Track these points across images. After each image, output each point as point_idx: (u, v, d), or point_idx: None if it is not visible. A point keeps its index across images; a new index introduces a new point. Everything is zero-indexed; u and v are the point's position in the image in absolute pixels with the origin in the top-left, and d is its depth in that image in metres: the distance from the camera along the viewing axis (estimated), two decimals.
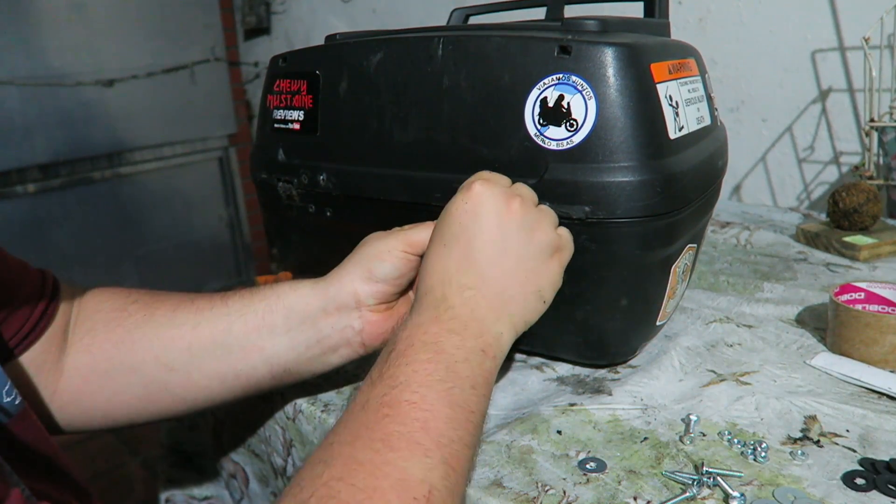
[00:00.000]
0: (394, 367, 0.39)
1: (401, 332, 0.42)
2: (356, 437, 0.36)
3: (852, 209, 0.86)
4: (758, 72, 1.30)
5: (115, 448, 1.87)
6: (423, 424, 0.36)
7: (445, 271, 0.44)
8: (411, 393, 0.37)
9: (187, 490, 0.77)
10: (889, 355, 0.55)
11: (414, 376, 0.38)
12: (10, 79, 2.18)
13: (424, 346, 0.40)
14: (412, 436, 0.35)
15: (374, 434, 0.35)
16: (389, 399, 0.37)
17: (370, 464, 0.34)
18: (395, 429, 0.35)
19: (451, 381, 0.38)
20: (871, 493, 0.41)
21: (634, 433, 0.49)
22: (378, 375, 0.39)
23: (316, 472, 0.34)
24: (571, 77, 0.50)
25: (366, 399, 0.38)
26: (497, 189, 0.46)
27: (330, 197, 0.65)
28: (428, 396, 0.37)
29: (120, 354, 0.51)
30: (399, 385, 0.37)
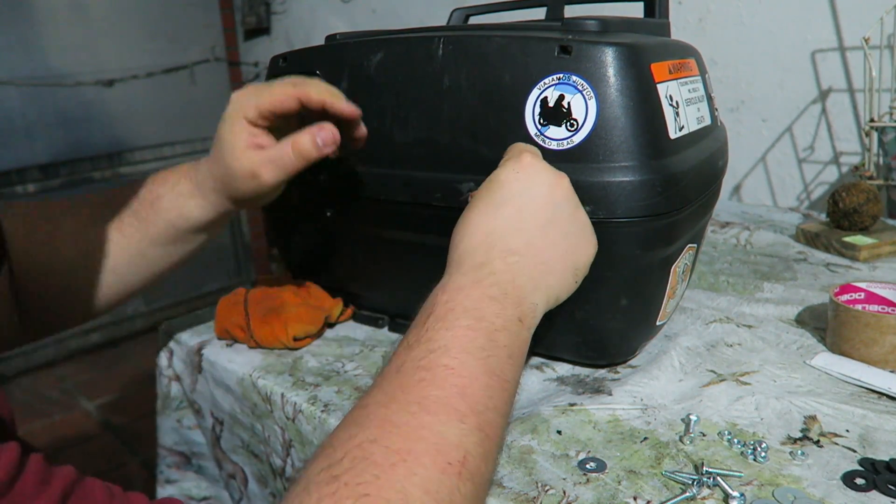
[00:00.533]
0: (432, 330, 0.38)
1: (440, 293, 0.41)
2: (391, 399, 0.35)
3: (852, 209, 0.86)
4: (758, 72, 1.30)
5: (115, 448, 1.87)
6: (461, 390, 0.35)
7: (491, 234, 0.43)
8: (450, 358, 0.36)
9: (186, 490, 0.78)
10: (889, 355, 0.55)
11: (453, 342, 0.37)
12: (10, 79, 2.18)
13: (465, 312, 0.39)
14: (449, 400, 0.35)
15: (409, 396, 0.35)
16: (427, 363, 0.36)
17: (406, 426, 0.33)
18: (432, 392, 0.35)
19: (490, 349, 0.38)
20: (871, 494, 0.41)
21: (634, 433, 0.49)
22: (416, 339, 0.38)
23: (350, 433, 0.34)
24: (572, 77, 0.50)
25: (402, 362, 0.37)
26: (545, 163, 0.47)
27: (330, 197, 0.65)
28: (467, 363, 0.36)
29: None
30: (438, 350, 0.37)
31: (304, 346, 0.67)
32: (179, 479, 0.78)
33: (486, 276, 0.41)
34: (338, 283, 0.72)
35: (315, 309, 0.68)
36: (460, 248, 0.44)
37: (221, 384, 0.67)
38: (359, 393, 0.58)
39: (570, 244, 0.46)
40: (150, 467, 0.77)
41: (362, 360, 0.64)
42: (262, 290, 0.71)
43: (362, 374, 0.61)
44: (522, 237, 0.44)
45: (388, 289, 0.69)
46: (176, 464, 0.78)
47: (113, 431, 1.97)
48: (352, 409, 0.37)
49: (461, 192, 0.55)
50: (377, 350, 0.66)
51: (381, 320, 0.70)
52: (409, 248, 0.62)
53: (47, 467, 0.32)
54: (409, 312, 0.67)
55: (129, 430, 1.96)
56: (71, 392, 2.21)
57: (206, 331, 0.73)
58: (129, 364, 2.40)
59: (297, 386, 0.60)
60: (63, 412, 2.05)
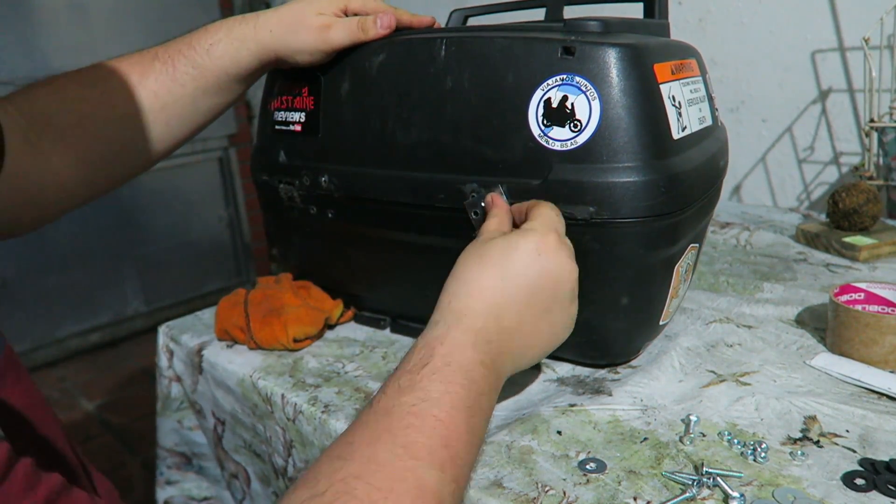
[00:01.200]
0: (427, 380, 0.40)
1: (438, 345, 0.42)
2: (377, 440, 0.36)
3: (852, 209, 0.86)
4: (758, 72, 1.30)
5: (115, 448, 1.87)
6: (446, 442, 0.37)
7: (496, 305, 0.44)
8: (440, 411, 0.38)
9: (186, 491, 0.78)
10: (889, 356, 0.55)
11: (445, 396, 0.39)
12: (10, 79, 2.18)
13: (460, 371, 0.41)
14: (434, 449, 0.36)
15: (396, 439, 0.36)
16: (418, 410, 0.38)
17: (390, 466, 0.35)
18: (419, 439, 0.36)
19: (475, 409, 0.40)
20: (871, 494, 0.41)
21: (634, 434, 0.49)
22: (408, 384, 0.40)
23: (334, 466, 0.35)
24: (575, 78, 0.50)
25: (391, 405, 0.39)
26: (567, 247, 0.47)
27: (331, 198, 0.65)
28: (455, 418, 0.38)
29: None
30: (430, 401, 0.38)
31: (304, 347, 0.67)
32: (180, 480, 0.78)
33: (482, 343, 0.43)
34: (339, 285, 0.72)
35: (315, 310, 0.68)
36: (463, 303, 0.45)
37: (222, 385, 0.67)
38: (359, 394, 0.58)
39: (554, 333, 0.48)
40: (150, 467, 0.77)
41: (362, 360, 0.64)
42: (263, 291, 0.71)
43: (362, 374, 0.61)
44: (521, 317, 0.45)
45: (390, 290, 0.69)
46: (176, 465, 0.78)
47: (113, 431, 1.97)
48: (335, 442, 0.38)
49: (464, 193, 0.55)
50: (377, 351, 0.66)
51: (382, 321, 0.70)
52: (412, 250, 0.62)
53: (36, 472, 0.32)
54: (412, 313, 0.68)
55: (129, 430, 1.96)
56: (71, 392, 2.21)
57: (206, 332, 0.73)
58: (129, 364, 2.40)
59: (298, 387, 0.60)
60: (63, 412, 2.05)
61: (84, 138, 0.58)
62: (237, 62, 0.60)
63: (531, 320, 0.46)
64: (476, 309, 0.44)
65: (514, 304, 0.45)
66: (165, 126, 0.61)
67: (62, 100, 0.58)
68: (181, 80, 0.60)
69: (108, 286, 2.51)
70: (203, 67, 0.60)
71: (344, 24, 0.59)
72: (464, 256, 0.47)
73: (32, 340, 2.33)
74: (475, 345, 0.42)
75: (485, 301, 0.44)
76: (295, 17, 0.59)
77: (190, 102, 0.61)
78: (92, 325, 2.50)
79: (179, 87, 0.60)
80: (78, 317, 2.46)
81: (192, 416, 0.75)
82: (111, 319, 2.55)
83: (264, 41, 0.60)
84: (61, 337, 2.43)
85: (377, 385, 0.59)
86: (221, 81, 0.61)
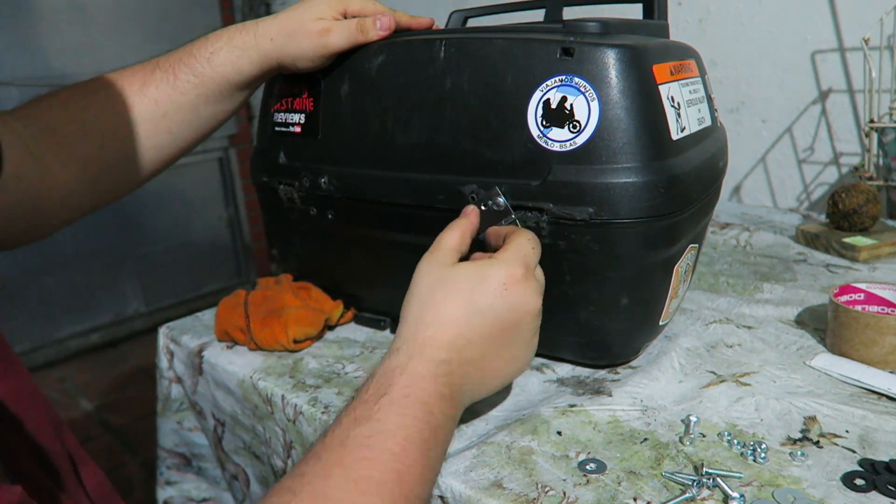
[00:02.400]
0: (383, 412, 0.39)
1: (397, 375, 0.42)
2: (329, 474, 0.36)
3: (852, 210, 0.86)
4: (757, 73, 1.30)
5: (115, 448, 1.88)
6: (399, 476, 0.36)
7: (460, 336, 0.44)
8: (395, 444, 0.38)
9: (186, 492, 0.78)
10: (889, 356, 0.55)
11: (402, 430, 0.38)
12: (10, 79, 2.18)
13: (418, 403, 0.40)
14: (386, 485, 0.36)
15: (349, 473, 0.36)
16: (372, 442, 0.37)
17: (339, 502, 0.34)
18: (371, 473, 0.36)
19: (431, 442, 0.39)
20: (871, 494, 0.41)
21: (634, 434, 0.49)
22: (364, 415, 0.39)
23: (283, 500, 0.35)
24: (574, 79, 0.50)
25: (346, 436, 0.38)
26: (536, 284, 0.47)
27: (331, 199, 0.65)
28: (410, 452, 0.38)
29: None
30: (385, 433, 0.38)
31: (304, 348, 0.67)
32: (179, 481, 0.78)
33: (443, 374, 0.42)
34: (339, 285, 0.72)
35: (315, 311, 0.68)
36: (428, 333, 0.44)
37: (222, 386, 0.67)
38: None
39: (513, 367, 0.48)
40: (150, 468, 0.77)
41: (363, 361, 0.64)
42: (263, 292, 0.71)
43: (363, 375, 0.61)
44: (483, 350, 0.45)
45: (390, 290, 0.69)
46: (176, 465, 0.78)
47: (113, 432, 1.97)
48: (288, 474, 0.37)
49: (463, 194, 0.55)
50: (377, 352, 0.66)
51: (383, 322, 0.70)
52: (412, 250, 0.62)
53: None
54: None
55: (129, 430, 1.96)
56: (71, 392, 2.21)
57: (206, 333, 0.73)
58: (129, 364, 2.40)
59: (298, 388, 0.60)
60: (63, 412, 2.05)
61: (86, 147, 0.58)
62: (238, 70, 0.60)
63: (493, 354, 0.46)
64: (440, 340, 0.44)
65: (477, 338, 0.45)
66: (168, 134, 0.61)
67: (64, 109, 0.58)
68: (182, 88, 0.60)
69: (108, 286, 2.51)
70: (204, 76, 0.60)
71: (343, 26, 0.59)
72: (426, 277, 0.47)
73: (32, 341, 2.33)
74: (436, 377, 0.42)
75: (449, 332, 0.44)
76: (294, 23, 0.59)
77: (192, 110, 0.61)
78: (92, 326, 2.50)
79: (181, 95, 0.60)
80: (78, 317, 2.46)
81: (192, 417, 0.75)
82: (111, 320, 2.55)
83: (265, 49, 0.60)
84: (61, 337, 2.43)
85: None
86: (223, 89, 0.61)
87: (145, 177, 0.63)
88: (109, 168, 0.60)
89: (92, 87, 0.59)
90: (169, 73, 0.59)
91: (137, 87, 0.59)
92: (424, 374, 0.42)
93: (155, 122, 0.60)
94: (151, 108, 0.59)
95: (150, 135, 0.60)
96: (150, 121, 0.59)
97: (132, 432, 1.94)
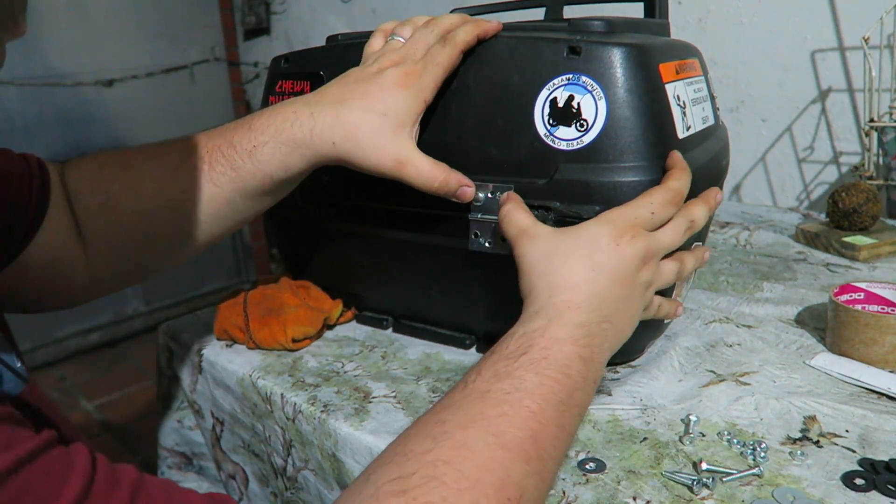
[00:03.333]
0: (523, 369, 0.40)
1: (538, 337, 0.42)
2: (471, 423, 0.37)
3: (852, 209, 0.86)
4: (758, 72, 1.30)
5: (114, 448, 1.88)
6: (534, 434, 0.37)
7: (592, 296, 0.44)
8: (533, 402, 0.38)
9: None
10: (889, 355, 0.55)
11: (539, 389, 0.39)
12: (10, 79, 2.18)
13: (557, 365, 0.41)
14: (523, 442, 0.37)
15: (489, 426, 0.37)
16: (512, 399, 0.38)
17: (480, 455, 0.35)
18: (510, 429, 0.37)
19: (567, 404, 0.40)
20: (871, 494, 0.41)
21: (634, 433, 0.49)
22: (505, 370, 0.40)
23: (425, 447, 0.35)
24: (581, 77, 0.50)
25: (487, 389, 0.39)
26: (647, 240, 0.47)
27: (332, 199, 0.65)
28: (546, 411, 0.38)
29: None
30: (524, 390, 0.39)
31: (303, 347, 0.67)
32: (180, 480, 0.78)
33: (582, 337, 0.43)
34: (340, 284, 0.72)
35: (314, 310, 0.68)
36: (565, 297, 0.44)
37: (221, 384, 0.67)
38: (358, 393, 0.58)
39: (636, 317, 0.48)
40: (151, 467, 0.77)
41: (362, 360, 0.64)
42: (262, 291, 0.71)
43: (362, 374, 0.61)
44: (614, 306, 0.46)
45: (392, 289, 0.69)
46: (177, 464, 0.78)
47: (113, 431, 1.97)
48: (426, 419, 0.38)
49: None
50: (377, 350, 0.66)
51: (384, 321, 0.70)
52: (415, 249, 0.62)
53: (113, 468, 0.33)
54: (414, 312, 0.68)
55: (129, 430, 1.96)
56: (71, 392, 2.21)
57: (205, 331, 0.73)
58: (129, 364, 2.40)
59: (297, 386, 0.60)
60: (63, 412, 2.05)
61: (109, 223, 0.55)
62: (286, 167, 0.53)
63: (623, 307, 0.46)
64: (576, 301, 0.44)
65: (608, 293, 0.45)
66: (196, 225, 0.55)
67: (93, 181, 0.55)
68: (217, 180, 0.53)
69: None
70: (243, 170, 0.53)
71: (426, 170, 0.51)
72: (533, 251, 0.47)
73: (32, 340, 2.33)
74: (575, 339, 0.42)
75: (582, 292, 0.44)
76: (365, 133, 0.50)
77: (226, 204, 0.55)
78: (92, 325, 2.50)
79: (214, 188, 0.54)
80: (78, 317, 2.46)
81: (191, 416, 0.75)
82: (111, 319, 2.55)
83: (324, 152, 0.52)
84: (61, 337, 2.43)
85: (377, 384, 0.59)
86: (264, 186, 0.54)
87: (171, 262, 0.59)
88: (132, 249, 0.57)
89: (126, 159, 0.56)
90: (204, 161, 0.54)
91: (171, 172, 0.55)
92: (564, 337, 0.42)
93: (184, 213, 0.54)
94: (179, 197, 0.54)
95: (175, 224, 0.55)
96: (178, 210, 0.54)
97: (132, 432, 1.94)
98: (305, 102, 0.53)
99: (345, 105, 0.51)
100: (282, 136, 0.52)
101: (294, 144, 0.52)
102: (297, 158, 0.52)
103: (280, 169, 0.53)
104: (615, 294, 0.46)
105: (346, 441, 0.53)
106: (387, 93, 0.51)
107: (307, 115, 0.51)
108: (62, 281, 0.56)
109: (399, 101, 0.51)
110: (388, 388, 0.58)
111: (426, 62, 0.52)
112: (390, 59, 0.53)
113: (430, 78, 0.52)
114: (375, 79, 0.52)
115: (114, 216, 0.55)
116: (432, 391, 0.57)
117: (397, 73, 0.51)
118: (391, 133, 0.51)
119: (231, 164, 0.53)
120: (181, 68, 2.61)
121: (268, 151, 0.52)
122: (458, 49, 0.52)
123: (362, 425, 0.53)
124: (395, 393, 0.57)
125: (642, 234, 0.46)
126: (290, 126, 0.51)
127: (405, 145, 0.51)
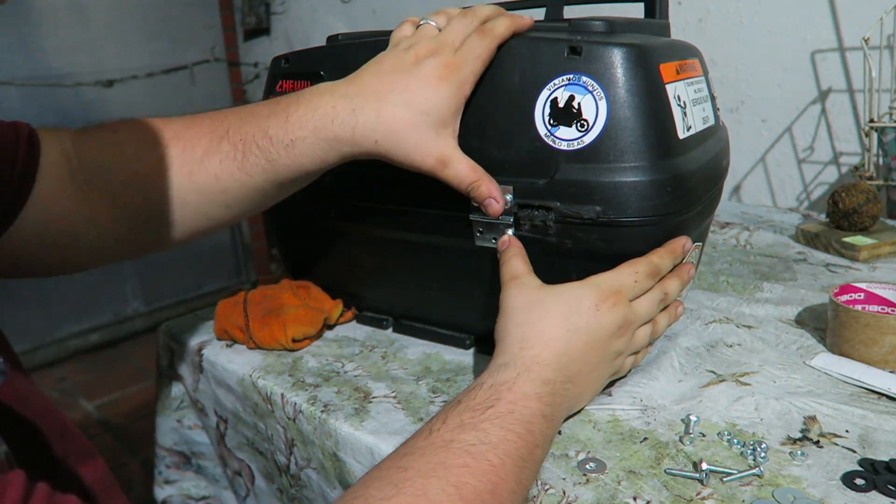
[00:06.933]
0: (488, 422, 0.41)
1: (505, 391, 0.43)
2: (432, 472, 0.37)
3: (852, 210, 0.86)
4: (757, 72, 1.30)
5: (115, 448, 1.88)
6: (493, 488, 0.38)
7: (562, 356, 0.46)
8: (495, 456, 0.39)
9: (185, 490, 0.78)
10: (889, 356, 0.55)
11: (503, 444, 0.40)
12: (10, 79, 2.18)
13: (521, 421, 0.42)
14: (482, 494, 0.37)
15: (450, 477, 0.37)
16: (475, 451, 0.39)
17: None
18: (470, 481, 0.37)
19: (527, 460, 0.41)
20: (871, 494, 0.41)
21: (634, 433, 0.49)
22: (471, 422, 0.41)
23: (384, 493, 0.36)
24: (582, 77, 0.50)
25: (451, 438, 0.40)
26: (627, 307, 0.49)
27: (333, 199, 0.65)
28: (507, 466, 0.39)
29: None
30: (488, 443, 0.39)
31: (303, 347, 0.67)
32: (178, 480, 0.78)
33: (546, 394, 0.44)
34: (340, 284, 0.72)
35: (314, 310, 0.68)
36: (535, 352, 0.46)
37: (223, 384, 0.67)
38: (358, 393, 0.58)
39: (600, 383, 0.51)
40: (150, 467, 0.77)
41: (362, 360, 0.64)
42: (262, 292, 0.71)
43: (362, 374, 0.61)
44: (581, 367, 0.47)
45: (392, 289, 0.69)
46: (175, 464, 0.78)
47: (113, 431, 1.97)
48: (388, 464, 0.39)
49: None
50: (377, 351, 0.66)
51: (384, 321, 0.70)
52: (415, 249, 0.62)
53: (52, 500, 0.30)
54: (414, 313, 0.68)
55: (129, 430, 1.96)
56: (71, 392, 2.21)
57: (206, 331, 0.73)
58: (129, 364, 2.40)
59: (297, 386, 0.60)
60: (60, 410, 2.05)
61: (133, 199, 0.54)
62: (323, 161, 0.52)
63: (588, 371, 0.48)
64: (545, 358, 0.46)
65: (578, 354, 0.47)
66: (223, 207, 0.55)
67: (117, 154, 0.54)
68: (250, 170, 0.52)
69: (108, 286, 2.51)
70: (278, 163, 0.51)
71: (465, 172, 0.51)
72: (518, 299, 0.49)
73: (32, 340, 2.33)
74: (540, 397, 0.44)
75: (552, 350, 0.46)
76: (409, 134, 0.50)
77: (256, 191, 0.54)
78: (92, 325, 2.50)
79: (246, 177, 0.52)
80: (78, 317, 2.47)
81: (192, 416, 0.75)
82: (111, 319, 2.55)
83: (366, 148, 0.51)
84: (61, 337, 2.43)
85: (376, 384, 0.59)
86: (298, 177, 0.54)
87: (188, 239, 0.58)
88: (152, 224, 0.55)
89: (152, 138, 0.53)
90: (237, 149, 0.52)
91: (199, 155, 0.52)
92: (530, 393, 0.43)
93: (211, 196, 0.53)
94: (210, 182, 0.53)
95: (202, 205, 0.54)
96: (206, 193, 0.53)
97: (132, 432, 1.94)
98: (344, 95, 0.51)
99: (386, 101, 0.49)
100: (322, 133, 0.50)
101: (335, 141, 0.50)
102: (335, 154, 0.51)
103: (316, 163, 0.52)
104: (585, 358, 0.47)
105: (347, 441, 0.53)
106: (427, 87, 0.49)
107: (348, 112, 0.50)
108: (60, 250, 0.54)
109: (441, 96, 0.49)
110: (389, 389, 0.58)
111: (465, 54, 0.50)
112: (427, 47, 0.51)
113: (469, 71, 0.50)
114: (414, 70, 0.50)
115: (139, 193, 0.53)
116: (432, 391, 0.57)
117: (436, 65, 0.50)
118: (433, 132, 0.50)
119: (266, 157, 0.51)
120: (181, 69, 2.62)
121: (307, 147, 0.51)
122: (497, 42, 0.51)
123: (362, 425, 0.53)
124: (395, 393, 0.57)
125: (623, 303, 0.49)
126: (332, 122, 0.50)
127: (448, 144, 0.51)
